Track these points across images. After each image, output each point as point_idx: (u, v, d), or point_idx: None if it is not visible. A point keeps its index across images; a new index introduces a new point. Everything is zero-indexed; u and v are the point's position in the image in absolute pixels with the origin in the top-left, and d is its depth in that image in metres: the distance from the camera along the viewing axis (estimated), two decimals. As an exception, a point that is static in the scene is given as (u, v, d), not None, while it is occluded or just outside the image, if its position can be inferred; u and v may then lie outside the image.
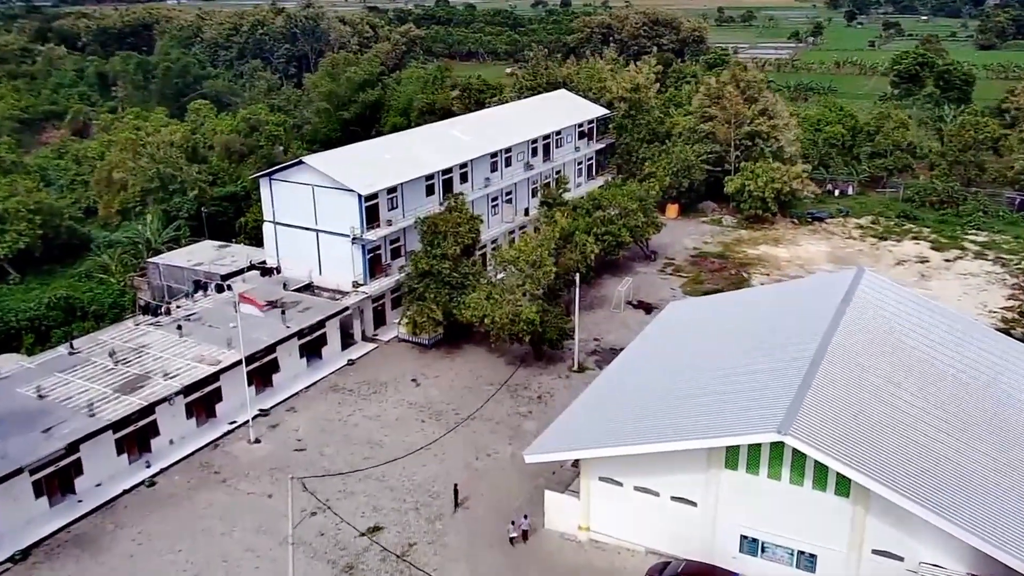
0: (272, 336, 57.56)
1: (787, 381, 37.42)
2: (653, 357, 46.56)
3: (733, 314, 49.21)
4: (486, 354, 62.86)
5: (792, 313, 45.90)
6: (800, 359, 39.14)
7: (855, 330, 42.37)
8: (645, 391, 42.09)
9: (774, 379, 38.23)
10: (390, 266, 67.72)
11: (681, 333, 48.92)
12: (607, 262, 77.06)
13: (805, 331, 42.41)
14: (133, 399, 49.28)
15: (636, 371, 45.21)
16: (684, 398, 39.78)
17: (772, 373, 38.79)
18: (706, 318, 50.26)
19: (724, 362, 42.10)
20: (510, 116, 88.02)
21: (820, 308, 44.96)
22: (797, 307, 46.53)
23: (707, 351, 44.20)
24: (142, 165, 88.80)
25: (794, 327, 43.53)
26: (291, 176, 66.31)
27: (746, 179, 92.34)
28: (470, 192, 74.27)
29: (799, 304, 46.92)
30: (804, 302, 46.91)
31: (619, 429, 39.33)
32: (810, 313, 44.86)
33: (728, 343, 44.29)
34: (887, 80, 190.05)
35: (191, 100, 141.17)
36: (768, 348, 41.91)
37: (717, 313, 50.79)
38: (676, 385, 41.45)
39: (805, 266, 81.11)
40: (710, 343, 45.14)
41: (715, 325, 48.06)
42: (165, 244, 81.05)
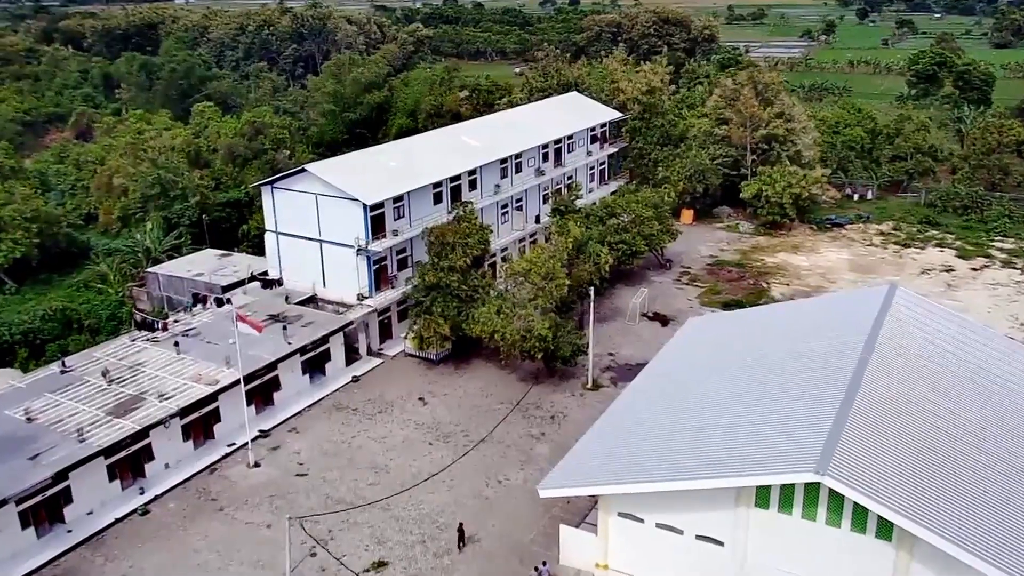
0: (273, 353, 55.11)
1: (821, 412, 34.77)
2: (674, 380, 43.92)
3: (757, 333, 46.53)
4: (496, 370, 60.32)
5: (822, 334, 43.19)
6: (834, 387, 36.49)
7: (891, 354, 39.67)
8: (666, 419, 39.48)
9: (807, 409, 35.58)
10: (396, 278, 65.23)
11: (702, 353, 46.27)
12: (621, 271, 74.38)
13: (837, 355, 39.72)
14: (126, 423, 46.89)
15: (656, 396, 42.58)
16: (709, 428, 37.15)
17: (805, 403, 36.14)
18: (728, 337, 47.61)
19: (751, 389, 39.45)
20: (520, 120, 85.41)
21: (852, 329, 42.27)
22: (827, 327, 43.82)
23: (731, 375, 41.55)
24: (143, 170, 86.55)
25: (825, 350, 40.82)
26: (293, 184, 63.88)
27: (763, 184, 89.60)
28: (479, 199, 71.76)
29: (829, 324, 44.22)
30: (834, 322, 44.20)
31: (640, 462, 36.74)
32: (841, 335, 42.16)
33: (754, 367, 41.63)
34: (902, 80, 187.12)
35: (196, 102, 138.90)
36: (798, 374, 39.23)
37: (740, 331, 48.12)
38: (700, 413, 38.83)
39: (826, 275, 78.33)
40: (735, 366, 42.48)
41: (739, 345, 45.37)
42: (165, 253, 78.80)
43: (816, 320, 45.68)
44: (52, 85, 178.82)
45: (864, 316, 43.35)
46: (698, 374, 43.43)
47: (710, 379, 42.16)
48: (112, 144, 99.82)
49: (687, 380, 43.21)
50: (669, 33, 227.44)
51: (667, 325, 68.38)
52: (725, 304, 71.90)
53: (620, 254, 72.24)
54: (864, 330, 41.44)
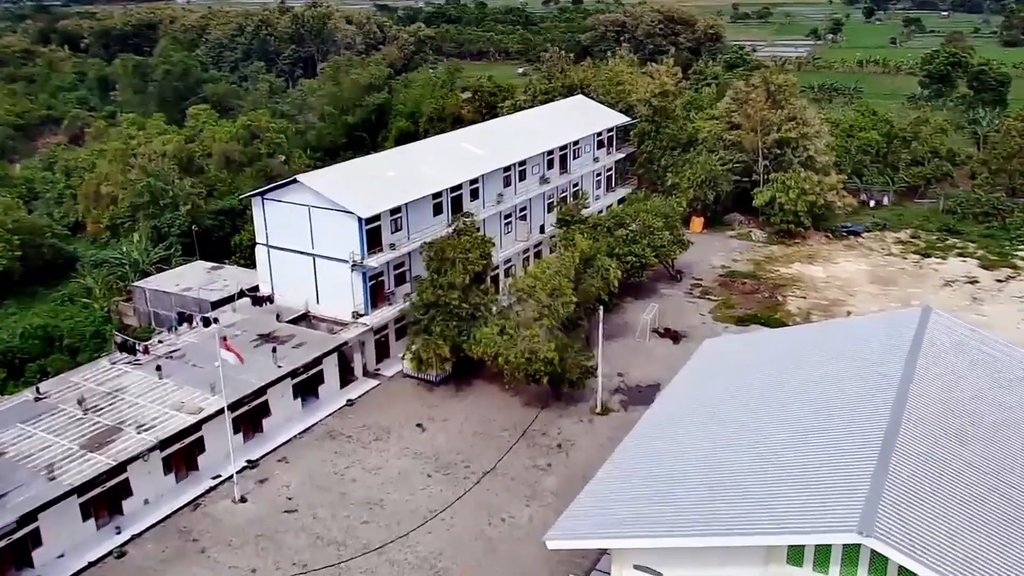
0: (261, 377, 51.75)
1: (860, 459, 31.37)
2: (692, 414, 40.48)
3: (780, 362, 43.08)
4: (499, 392, 56.90)
5: (852, 366, 39.74)
6: (871, 429, 33.08)
7: (932, 390, 36.24)
8: (685, 460, 36.05)
9: (843, 456, 32.17)
10: (394, 294, 61.85)
11: (721, 383, 42.84)
12: (629, 284, 70.84)
13: (872, 392, 36.30)
14: (100, 458, 43.57)
15: (674, 433, 39.15)
16: (734, 473, 33.72)
17: (840, 449, 32.72)
18: (749, 364, 44.16)
19: (778, 428, 36.04)
20: (524, 125, 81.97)
21: (885, 361, 38.84)
22: (857, 358, 40.36)
23: (756, 411, 38.14)
24: (132, 178, 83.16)
25: (858, 386, 37.39)
26: (285, 195, 60.53)
27: (776, 191, 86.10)
28: (481, 210, 68.39)
29: (859, 354, 40.75)
30: (864, 352, 40.72)
31: (658, 511, 33.32)
32: (874, 367, 38.72)
33: (780, 403, 38.21)
34: (913, 79, 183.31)
35: (192, 104, 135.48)
36: (830, 413, 35.79)
37: (761, 358, 44.67)
38: (723, 455, 35.41)
39: (844, 288, 74.83)
40: (758, 401, 39.06)
41: (761, 376, 41.94)
42: (154, 265, 75.45)
43: (845, 349, 42.17)
44: (47, 87, 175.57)
45: (898, 346, 39.90)
46: (718, 408, 39.98)
47: (732, 415, 38.72)
48: (102, 150, 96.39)
49: (706, 415, 39.77)
50: (674, 32, 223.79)
51: (679, 343, 65.01)
52: (739, 319, 68.50)
53: (629, 266, 68.87)
54: (899, 363, 37.98)
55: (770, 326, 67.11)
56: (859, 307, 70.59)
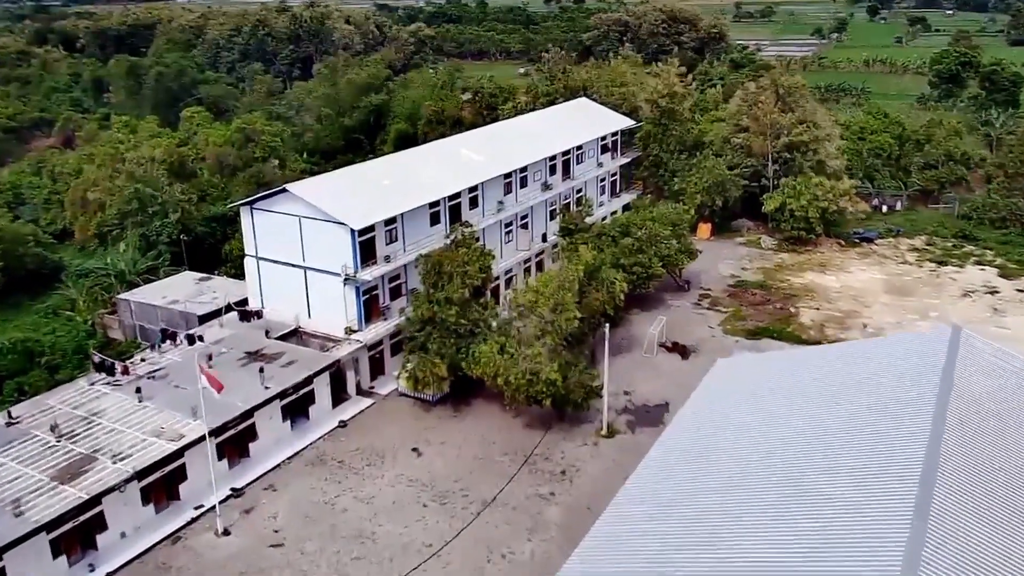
0: (247, 400, 48.86)
1: (896, 506, 28.45)
2: (709, 446, 37.51)
3: (800, 387, 40.13)
4: (499, 413, 54.00)
5: (879, 394, 36.82)
6: (906, 470, 30.16)
7: (968, 421, 33.33)
8: (703, 503, 33.12)
9: (878, 501, 29.27)
10: (389, 308, 58.96)
11: (739, 411, 39.90)
12: (636, 295, 67.87)
13: (902, 425, 33.38)
14: (72, 490, 40.72)
15: (689, 468, 36.21)
16: (759, 523, 30.79)
17: (873, 493, 29.80)
18: (768, 390, 41.21)
19: (806, 465, 33.10)
20: (526, 129, 79.01)
21: (915, 388, 35.92)
22: (883, 385, 37.44)
23: (781, 445, 35.19)
24: (119, 184, 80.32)
25: (887, 418, 34.47)
26: (275, 205, 57.64)
27: (787, 196, 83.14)
28: (480, 219, 65.50)
29: (885, 380, 37.82)
30: (891, 378, 37.79)
31: (672, 560, 30.40)
32: (903, 395, 35.80)
33: (806, 435, 35.28)
34: (921, 79, 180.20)
35: (187, 106, 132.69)
36: (860, 449, 32.88)
37: (780, 383, 41.71)
38: (748, 495, 32.46)
39: (859, 298, 71.86)
40: (782, 433, 36.13)
41: (782, 404, 39.01)
42: (141, 276, 72.61)
43: (868, 375, 39.21)
44: (41, 88, 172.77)
45: (926, 371, 36.97)
46: (739, 440, 37.07)
47: (754, 448, 35.81)
48: (91, 154, 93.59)
49: (726, 448, 36.86)
50: (678, 32, 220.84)
51: (688, 358, 62.16)
52: (751, 333, 65.60)
53: (636, 277, 65.99)
54: (930, 390, 35.07)
55: (783, 340, 64.39)
56: (875, 319, 67.71)
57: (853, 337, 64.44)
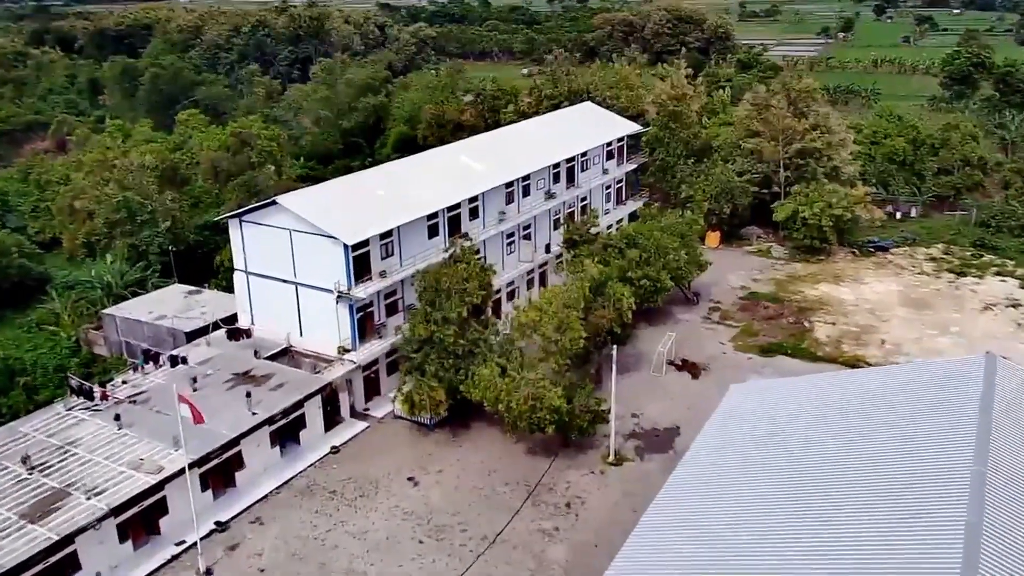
0: (234, 427, 46.12)
1: (943, 554, 25.66)
2: (729, 483, 34.64)
3: (827, 421, 37.19)
4: (500, 438, 51.17)
5: (911, 427, 34.00)
6: (950, 514, 27.42)
7: (1011, 459, 30.51)
8: (731, 544, 30.25)
9: (922, 547, 26.50)
10: (384, 326, 56.16)
11: (760, 445, 37.01)
12: (643, 310, 64.93)
13: (941, 462, 30.62)
14: (42, 530, 37.98)
15: (702, 508, 33.36)
16: (795, 558, 28.04)
17: (915, 539, 27.05)
18: (785, 422, 38.31)
19: (839, 507, 30.30)
20: (528, 135, 76.12)
21: (950, 422, 33.14)
22: (915, 417, 34.60)
23: (810, 486, 32.34)
24: (108, 192, 77.51)
25: (923, 454, 31.70)
26: (265, 218, 54.85)
27: (799, 204, 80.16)
28: (481, 230, 62.72)
29: (917, 412, 34.99)
30: (923, 410, 34.96)
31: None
32: (938, 429, 33.02)
33: (835, 473, 32.44)
34: (931, 80, 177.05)
35: (183, 109, 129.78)
36: (895, 489, 30.07)
37: (800, 413, 38.79)
38: (772, 545, 29.61)
39: (875, 312, 68.91)
40: (809, 471, 33.27)
41: (807, 439, 36.11)
42: (128, 289, 69.87)
43: (898, 405, 36.36)
44: (37, 90, 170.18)
45: (962, 403, 34.17)
46: (763, 477, 34.21)
47: (781, 486, 32.99)
48: (80, 160, 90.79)
49: (742, 483, 34.05)
50: (683, 32, 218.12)
51: (698, 376, 59.31)
52: (763, 350, 62.72)
53: (643, 291, 63.14)
54: (968, 425, 32.28)
55: (797, 357, 61.57)
56: (893, 334, 64.78)
57: (871, 354, 61.61)
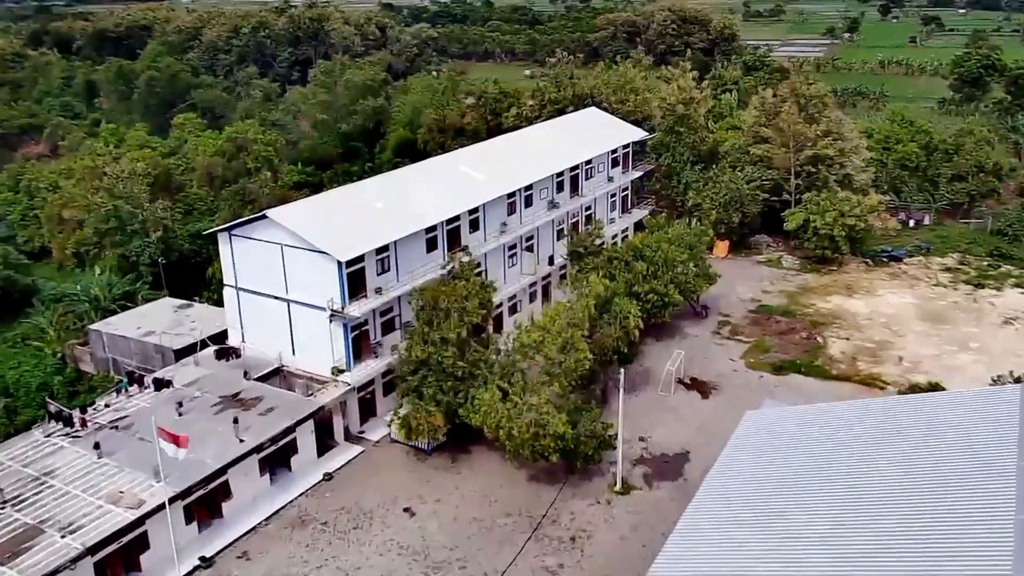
0: (220, 456, 43.71)
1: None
2: (742, 522, 32.17)
3: (846, 453, 34.72)
4: (501, 464, 48.72)
5: (944, 468, 31.57)
6: (995, 567, 24.98)
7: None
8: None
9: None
10: (380, 344, 53.68)
11: (773, 478, 34.55)
12: (651, 325, 62.42)
13: (981, 510, 28.19)
14: (12, 573, 35.57)
15: (721, 549, 30.93)
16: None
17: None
18: (806, 454, 35.76)
19: (863, 555, 27.89)
20: (531, 143, 73.52)
21: (988, 463, 30.74)
22: (948, 457, 32.16)
23: (828, 527, 29.93)
24: (97, 201, 75.12)
25: (960, 500, 29.31)
26: (255, 232, 52.42)
27: (810, 213, 77.63)
28: (482, 243, 60.28)
29: (950, 451, 32.53)
30: (957, 449, 32.51)
31: None
32: (975, 471, 30.64)
33: (856, 515, 30.05)
34: (940, 81, 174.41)
35: (180, 112, 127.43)
36: (932, 537, 27.66)
37: (820, 446, 36.21)
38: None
39: (891, 326, 66.40)
40: (828, 509, 30.86)
41: (823, 471, 33.64)
42: (117, 302, 67.49)
43: (925, 445, 33.84)
44: (33, 92, 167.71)
45: (996, 441, 31.80)
46: (775, 521, 31.78)
47: (796, 536, 30.55)
48: (71, 167, 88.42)
49: (760, 530, 31.57)
50: (687, 33, 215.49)
51: (708, 396, 56.89)
52: (776, 367, 60.22)
53: (650, 306, 60.72)
54: (1005, 470, 29.85)
55: (811, 375, 59.17)
56: (910, 350, 62.30)
57: (888, 372, 59.13)
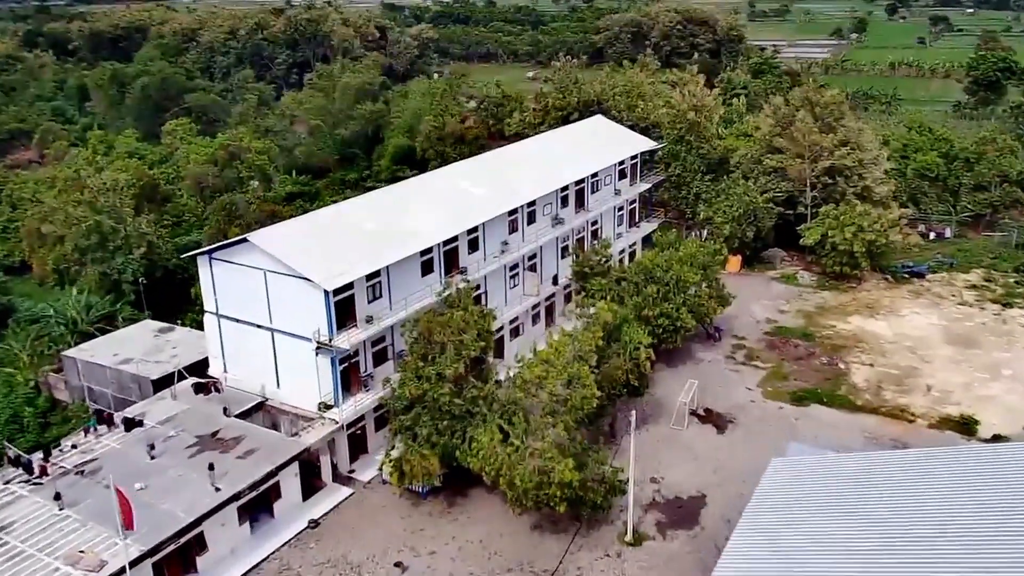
0: (193, 507, 39.86)
1: None
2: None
3: (882, 508, 30.90)
4: (502, 509, 44.79)
5: (982, 523, 27.95)
6: None
7: None
8: None
9: None
10: (372, 377, 49.85)
11: (808, 538, 30.72)
12: (661, 350, 58.46)
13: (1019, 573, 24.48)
14: (-49, 652, 31.89)
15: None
16: None
17: None
18: (845, 512, 31.89)
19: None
20: (534, 155, 69.54)
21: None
22: (986, 512, 28.46)
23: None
24: (78, 215, 71.30)
25: (997, 558, 25.61)
26: (236, 256, 48.59)
27: (829, 228, 73.66)
28: (481, 264, 56.44)
29: (987, 506, 28.79)
30: (995, 504, 28.79)
31: None
32: (1013, 530, 27.00)
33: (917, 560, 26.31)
34: (952, 84, 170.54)
35: (174, 118, 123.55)
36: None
37: (859, 503, 32.37)
38: None
39: (917, 350, 62.48)
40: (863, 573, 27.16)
41: (866, 533, 29.80)
42: (96, 324, 63.73)
43: (965, 497, 30.11)
44: (25, 96, 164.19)
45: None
46: None
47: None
48: (54, 177, 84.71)
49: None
50: (693, 34, 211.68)
51: (724, 430, 53.04)
52: (796, 397, 56.32)
53: (661, 331, 56.90)
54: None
55: (835, 407, 55.33)
56: (939, 378, 58.39)
57: (917, 404, 55.22)
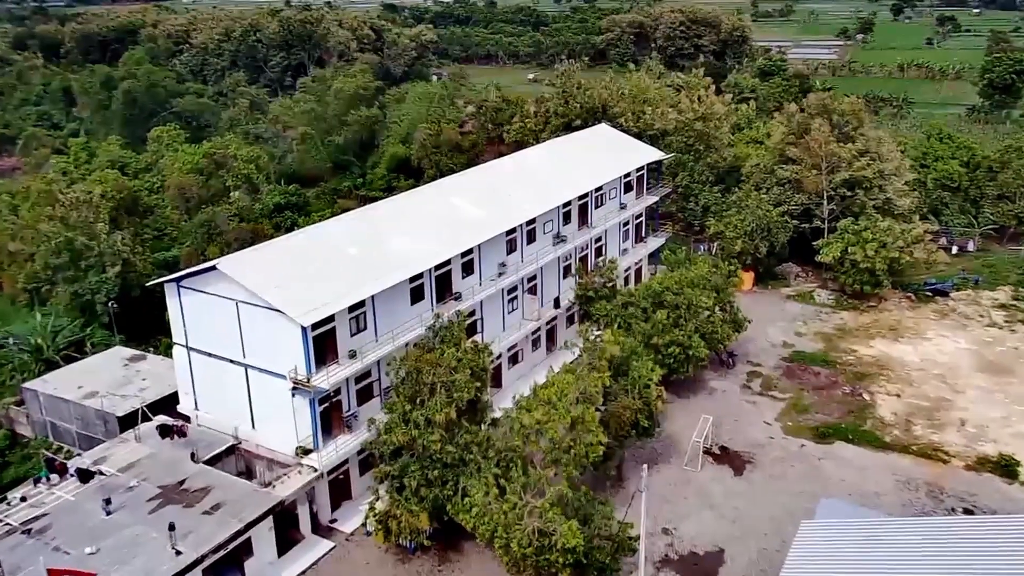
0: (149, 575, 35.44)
1: None
2: None
3: None
4: (498, 569, 40.32)
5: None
6: None
7: None
8: None
9: None
10: (356, 417, 45.36)
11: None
12: (672, 381, 53.98)
13: None
14: None
15: None
16: None
17: None
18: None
19: None
20: (534, 168, 64.88)
21: None
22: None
23: None
24: (49, 231, 66.89)
25: None
26: (206, 285, 44.17)
27: (848, 243, 69.15)
28: (476, 288, 51.99)
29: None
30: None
31: None
32: None
33: None
34: (963, 86, 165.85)
35: (161, 123, 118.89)
36: None
37: (890, 571, 28.05)
38: None
39: (947, 379, 57.99)
40: None
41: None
42: (62, 352, 59.32)
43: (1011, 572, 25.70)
44: (12, 100, 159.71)
45: None
46: None
47: None
48: (27, 188, 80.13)
49: None
50: (697, 34, 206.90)
51: (742, 472, 48.63)
52: (818, 433, 51.88)
53: (672, 360, 52.47)
54: None
55: (861, 444, 50.89)
56: (972, 411, 53.95)
57: (950, 441, 50.75)
